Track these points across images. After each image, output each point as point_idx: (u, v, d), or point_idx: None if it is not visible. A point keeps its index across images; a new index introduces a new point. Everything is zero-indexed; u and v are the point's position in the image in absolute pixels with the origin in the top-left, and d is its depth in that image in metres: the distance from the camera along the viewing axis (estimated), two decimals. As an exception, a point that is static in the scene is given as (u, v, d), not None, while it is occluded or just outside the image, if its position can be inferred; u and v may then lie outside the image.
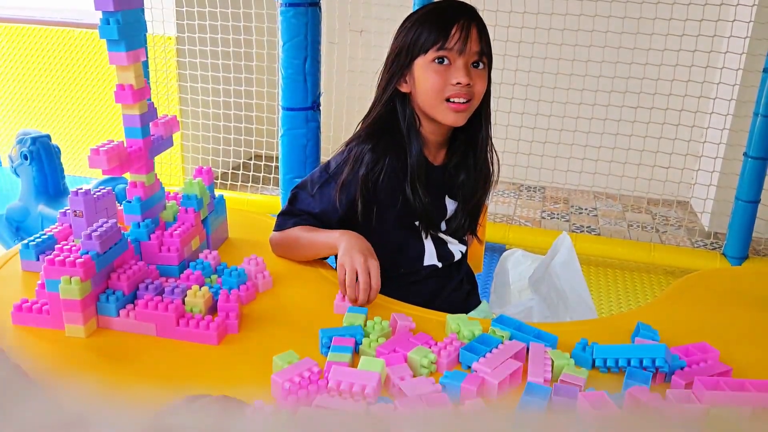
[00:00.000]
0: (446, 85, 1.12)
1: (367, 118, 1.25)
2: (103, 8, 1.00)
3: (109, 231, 1.02)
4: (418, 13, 1.18)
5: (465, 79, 1.11)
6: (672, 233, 3.34)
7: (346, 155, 1.21)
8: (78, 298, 0.95)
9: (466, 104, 1.14)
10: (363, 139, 1.21)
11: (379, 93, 1.22)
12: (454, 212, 1.28)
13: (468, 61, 1.13)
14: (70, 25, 3.64)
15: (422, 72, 1.14)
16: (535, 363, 0.90)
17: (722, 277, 1.33)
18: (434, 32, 1.12)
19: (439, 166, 1.25)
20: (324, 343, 0.95)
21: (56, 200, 2.63)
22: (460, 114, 1.15)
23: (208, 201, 1.27)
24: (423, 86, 1.15)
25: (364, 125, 1.25)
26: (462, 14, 1.14)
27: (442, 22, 1.13)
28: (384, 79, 1.21)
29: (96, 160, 1.01)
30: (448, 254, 1.30)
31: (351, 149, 1.21)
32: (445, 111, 1.14)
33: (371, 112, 1.24)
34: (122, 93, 1.06)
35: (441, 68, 1.13)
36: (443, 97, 1.14)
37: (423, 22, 1.14)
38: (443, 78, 1.12)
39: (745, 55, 2.84)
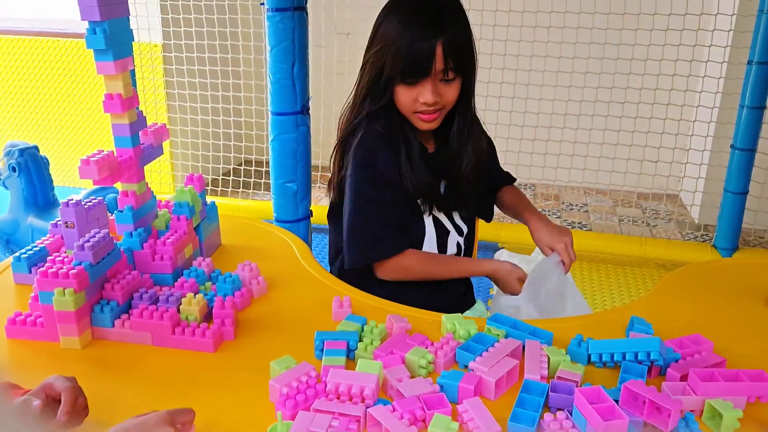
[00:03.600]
0: (415, 103, 1.20)
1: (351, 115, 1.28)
2: (89, 18, 1.00)
3: (101, 241, 1.01)
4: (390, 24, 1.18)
5: (431, 98, 1.17)
6: (663, 227, 3.36)
7: (364, 147, 1.23)
8: (72, 310, 0.94)
9: (436, 114, 1.21)
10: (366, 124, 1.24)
11: (359, 105, 1.26)
12: (444, 191, 1.32)
13: (435, 80, 1.17)
14: (55, 35, 3.62)
15: (397, 89, 1.21)
16: (531, 360, 0.90)
17: (713, 269, 1.34)
18: (399, 61, 1.16)
19: (432, 153, 1.30)
20: (317, 346, 0.95)
21: (46, 212, 2.61)
22: (431, 122, 1.22)
23: (200, 208, 1.26)
24: (398, 101, 1.22)
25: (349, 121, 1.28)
26: (428, 35, 1.14)
27: (407, 47, 1.15)
28: (363, 94, 1.25)
29: (87, 171, 1.01)
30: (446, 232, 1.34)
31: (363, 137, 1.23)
32: (417, 121, 1.23)
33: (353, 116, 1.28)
34: (111, 102, 1.06)
35: (410, 88, 1.19)
36: (413, 111, 1.21)
37: (395, 49, 1.16)
38: (412, 97, 1.19)
39: (730, 48, 2.87)
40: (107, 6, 1.01)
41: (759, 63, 2.50)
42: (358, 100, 1.26)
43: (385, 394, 0.86)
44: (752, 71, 2.54)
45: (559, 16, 3.01)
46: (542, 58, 3.06)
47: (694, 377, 0.84)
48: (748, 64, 2.55)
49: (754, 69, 2.52)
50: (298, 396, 0.81)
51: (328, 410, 0.78)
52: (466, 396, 0.83)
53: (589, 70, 3.08)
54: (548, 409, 0.83)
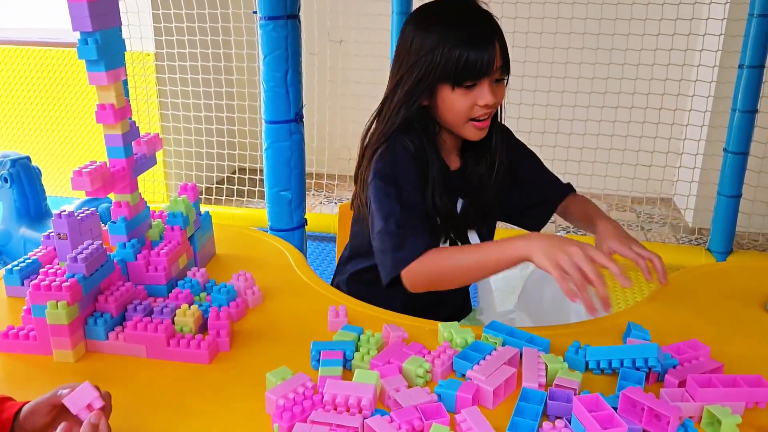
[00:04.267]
0: (473, 107, 1.11)
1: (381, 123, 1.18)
2: (81, 28, 0.99)
3: (94, 253, 1.00)
4: (438, 28, 1.10)
5: (491, 99, 1.10)
6: (657, 230, 3.37)
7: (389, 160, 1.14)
8: (65, 323, 0.93)
9: (488, 121, 1.15)
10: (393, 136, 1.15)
11: (394, 110, 1.15)
12: (462, 209, 1.24)
13: (492, 79, 1.10)
14: (46, 44, 3.61)
15: (447, 94, 1.11)
16: (529, 368, 0.90)
17: (708, 273, 1.34)
18: (458, 64, 1.07)
19: (455, 171, 1.24)
20: (314, 356, 0.94)
21: (38, 222, 2.60)
22: (484, 129, 1.15)
23: (194, 218, 1.26)
24: (447, 107, 1.13)
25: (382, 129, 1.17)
26: (486, 33, 1.09)
27: (470, 49, 1.07)
28: (400, 99, 1.14)
29: (79, 182, 1.00)
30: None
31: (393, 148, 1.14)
32: (470, 129, 1.15)
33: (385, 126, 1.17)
34: (103, 113, 1.05)
35: (467, 93, 1.10)
36: (468, 118, 1.13)
37: (449, 48, 1.08)
38: (469, 102, 1.11)
39: (720, 53, 2.88)
40: (99, 16, 1.00)
41: (750, 67, 2.52)
42: (393, 111, 1.15)
43: (382, 404, 0.85)
44: (743, 75, 2.55)
45: (551, 22, 3.02)
46: (534, 63, 3.07)
47: (693, 383, 0.84)
48: (739, 68, 2.56)
49: (745, 73, 2.54)
50: (294, 407, 0.80)
51: (326, 422, 0.77)
52: (464, 405, 0.83)
53: (582, 76, 3.09)
54: (547, 417, 0.83)
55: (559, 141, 3.18)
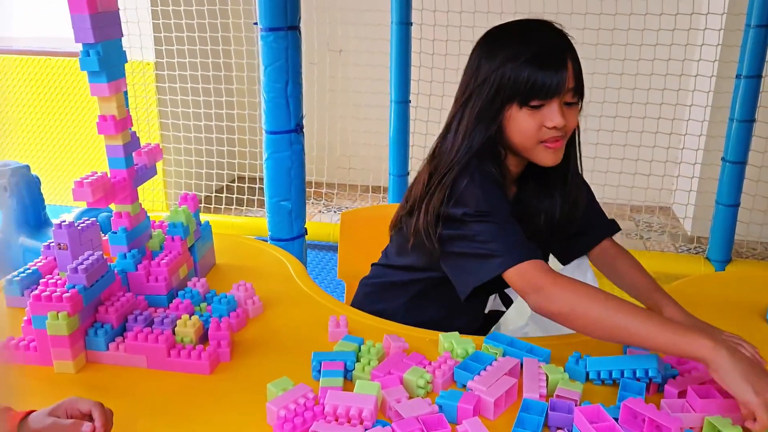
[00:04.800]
0: (541, 129, 1.05)
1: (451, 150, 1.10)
2: (83, 40, 1.00)
3: (95, 263, 1.00)
4: (509, 47, 1.05)
5: (561, 121, 1.04)
6: (656, 239, 3.37)
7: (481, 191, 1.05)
8: (66, 334, 0.93)
9: (560, 143, 1.08)
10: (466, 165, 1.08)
11: (468, 135, 1.09)
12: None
13: (562, 101, 1.04)
14: (45, 53, 3.62)
15: (515, 114, 1.06)
16: (529, 379, 0.90)
17: (708, 283, 1.35)
18: (531, 80, 1.02)
19: (510, 201, 1.16)
20: (314, 366, 0.94)
21: (37, 231, 2.59)
22: (557, 153, 1.08)
23: (195, 228, 1.26)
24: (515, 129, 1.07)
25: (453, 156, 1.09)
26: (558, 51, 1.04)
27: (541, 67, 1.02)
28: (472, 122, 1.08)
29: (80, 193, 1.00)
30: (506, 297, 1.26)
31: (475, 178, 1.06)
32: (542, 152, 1.08)
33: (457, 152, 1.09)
34: (104, 124, 1.06)
35: (534, 113, 1.05)
36: (538, 140, 1.06)
37: (517, 63, 1.03)
38: (536, 123, 1.05)
39: (718, 63, 2.90)
40: (101, 28, 1.01)
41: (747, 77, 2.53)
42: (465, 135, 1.08)
43: (383, 415, 0.85)
44: (741, 85, 2.56)
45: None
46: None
47: (693, 394, 0.84)
48: (737, 78, 2.58)
49: (743, 83, 2.55)
50: (296, 419, 0.80)
51: (327, 433, 0.77)
52: (465, 416, 0.83)
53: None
54: (548, 428, 0.83)
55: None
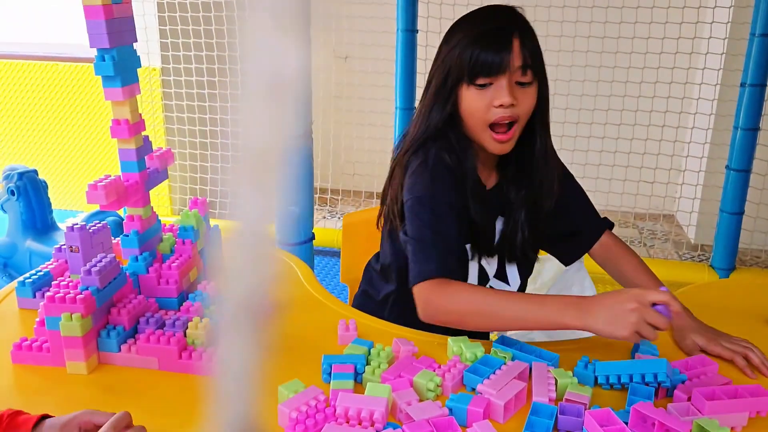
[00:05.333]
0: (489, 109, 1.04)
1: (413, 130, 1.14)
2: (98, 45, 1.01)
3: (108, 266, 1.02)
4: (460, 30, 1.09)
5: (507, 100, 1.02)
6: (659, 247, 3.38)
7: (427, 172, 1.08)
8: (79, 335, 0.94)
9: (511, 131, 1.06)
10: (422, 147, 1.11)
11: (425, 116, 1.12)
12: (501, 233, 1.17)
13: (511, 79, 1.04)
14: (53, 59, 3.64)
15: (466, 95, 1.07)
16: (539, 383, 0.90)
17: (713, 290, 1.35)
18: (471, 58, 1.04)
19: (491, 189, 1.17)
20: (324, 369, 0.95)
21: (44, 235, 2.60)
22: (506, 142, 1.07)
23: (205, 231, 1.27)
24: (466, 109, 1.07)
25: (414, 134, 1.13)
26: (502, 29, 1.05)
27: (482, 44, 1.03)
28: (429, 103, 1.11)
29: (94, 196, 1.01)
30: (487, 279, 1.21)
31: (428, 161, 1.08)
32: (488, 140, 1.07)
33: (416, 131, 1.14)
34: (118, 128, 1.07)
35: (483, 92, 1.05)
36: (487, 123, 1.06)
37: (464, 43, 1.05)
38: (485, 102, 1.04)
39: (722, 71, 2.91)
40: (115, 34, 1.02)
41: (752, 85, 2.54)
42: (423, 115, 1.12)
43: (394, 417, 0.86)
44: (745, 93, 2.57)
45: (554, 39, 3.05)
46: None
47: (698, 396, 0.85)
48: (741, 86, 2.59)
49: (747, 91, 2.56)
50: (307, 420, 0.80)
51: (339, 434, 0.78)
52: (475, 419, 0.83)
53: (585, 93, 3.12)
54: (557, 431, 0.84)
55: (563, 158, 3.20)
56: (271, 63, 0.28)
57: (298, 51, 0.29)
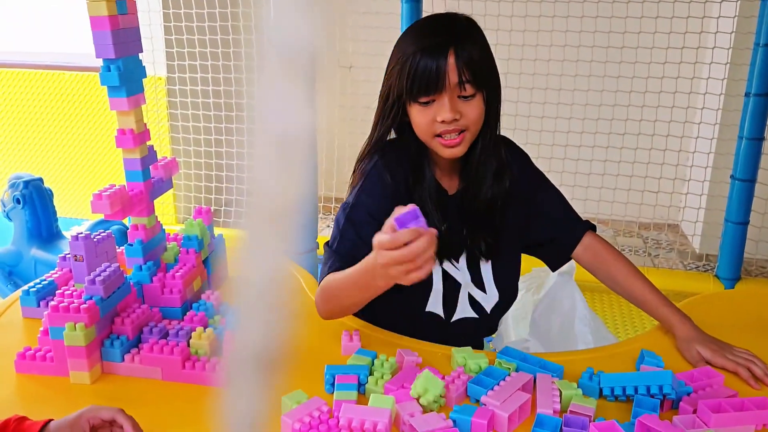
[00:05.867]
0: (433, 124, 1.05)
1: (366, 143, 1.17)
2: (104, 56, 1.02)
3: (112, 275, 1.02)
4: (402, 45, 1.08)
5: (449, 115, 1.03)
6: (664, 256, 3.36)
7: (360, 180, 1.12)
8: (83, 345, 0.94)
9: (460, 137, 1.06)
10: (368, 155, 1.14)
11: (374, 127, 1.15)
12: (466, 236, 1.17)
13: (453, 95, 1.03)
14: (60, 68, 3.66)
15: (411, 110, 1.08)
16: (543, 394, 0.90)
17: (718, 301, 1.35)
18: (409, 76, 1.03)
19: (453, 195, 1.17)
20: (327, 380, 0.95)
21: (49, 243, 2.61)
22: (455, 147, 1.07)
23: (209, 241, 1.27)
24: (414, 124, 1.09)
25: (366, 147, 1.16)
26: (439, 46, 1.02)
27: (420, 65, 1.02)
28: (378, 115, 1.14)
29: (98, 205, 1.02)
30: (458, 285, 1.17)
31: (362, 170, 1.14)
32: (438, 147, 1.08)
33: (370, 138, 1.16)
34: (123, 137, 1.08)
35: (426, 108, 1.05)
36: (433, 134, 1.06)
37: (403, 60, 1.05)
38: (429, 117, 1.05)
39: (727, 81, 2.90)
40: (121, 44, 1.03)
41: (756, 95, 2.54)
42: (374, 127, 1.15)
43: (397, 429, 0.85)
44: (750, 103, 2.57)
45: (558, 49, 3.06)
46: (542, 90, 3.10)
47: (704, 409, 0.85)
48: (746, 96, 2.58)
49: (752, 101, 2.55)
50: (310, 431, 0.80)
51: (342, 446, 0.77)
52: (479, 431, 0.83)
53: (589, 102, 3.12)
54: (562, 444, 0.83)
55: (566, 167, 3.20)
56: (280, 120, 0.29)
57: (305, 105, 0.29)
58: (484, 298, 1.18)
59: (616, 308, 2.81)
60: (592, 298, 2.88)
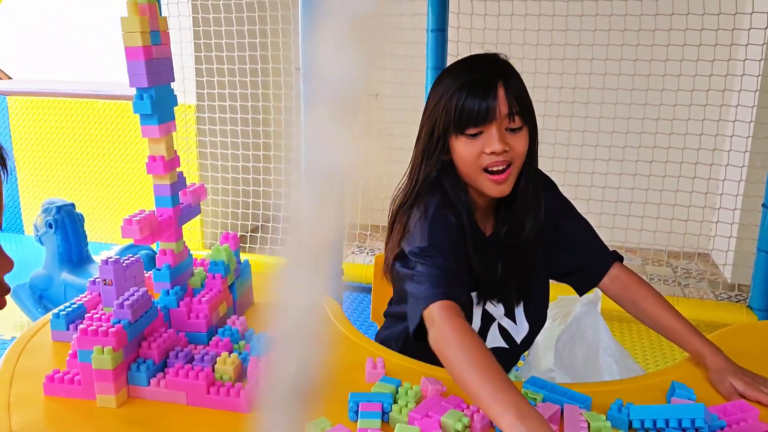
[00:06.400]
0: (481, 155, 1.06)
1: (408, 182, 1.16)
2: (137, 85, 1.04)
3: (140, 299, 1.03)
4: (445, 81, 1.10)
5: (498, 147, 1.04)
6: (695, 286, 3.30)
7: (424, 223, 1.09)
8: (110, 368, 0.95)
9: (506, 171, 1.07)
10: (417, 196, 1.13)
11: (417, 167, 1.14)
12: (501, 276, 1.18)
13: (501, 127, 1.06)
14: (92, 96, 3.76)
15: (456, 145, 1.09)
16: (570, 425, 0.88)
17: (752, 332, 1.31)
18: (458, 109, 1.06)
19: (489, 236, 1.18)
20: (351, 407, 0.94)
21: (79, 267, 2.66)
22: (503, 183, 1.08)
23: (235, 266, 1.28)
24: (459, 158, 1.10)
25: (408, 186, 1.16)
26: (486, 78, 1.06)
27: (468, 96, 1.05)
28: (420, 154, 1.14)
29: (129, 230, 1.03)
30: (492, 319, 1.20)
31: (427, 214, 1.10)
32: (486, 183, 1.08)
33: (410, 182, 1.16)
34: (154, 164, 1.10)
35: (473, 141, 1.07)
36: (481, 168, 1.07)
37: (449, 94, 1.07)
38: (477, 150, 1.07)
39: (756, 108, 2.87)
40: (154, 74, 1.06)
41: (788, 122, 2.50)
42: (414, 169, 1.15)
43: (421, 459, 0.84)
44: (781, 131, 2.53)
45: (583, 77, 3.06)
46: (568, 117, 3.09)
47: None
48: (777, 123, 2.55)
49: (783, 128, 2.52)
50: (334, 460, 0.80)
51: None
52: (505, 462, 0.81)
53: (616, 130, 3.10)
54: (590, 477, 0.81)
55: (593, 194, 3.17)
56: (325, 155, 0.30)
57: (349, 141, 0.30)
58: (515, 329, 1.19)
59: (645, 338, 2.75)
60: (620, 329, 2.83)
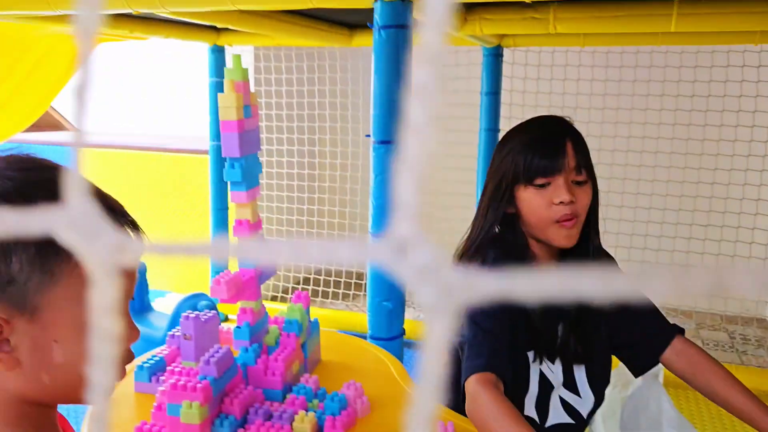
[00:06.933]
0: (550, 206, 1.09)
1: (472, 234, 1.20)
2: (230, 155, 1.13)
3: (224, 357, 1.08)
4: (514, 138, 1.16)
5: (567, 197, 1.08)
6: (753, 353, 3.21)
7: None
8: (197, 423, 1.00)
9: (573, 221, 1.10)
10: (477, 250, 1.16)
11: (482, 217, 1.19)
12: (562, 337, 1.18)
13: (568, 179, 1.09)
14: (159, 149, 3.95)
15: (524, 196, 1.12)
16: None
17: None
18: (527, 160, 1.10)
19: None
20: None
21: (140, 315, 2.75)
22: (571, 230, 1.10)
23: (306, 325, 1.33)
24: (527, 209, 1.12)
25: (471, 236, 1.20)
26: (555, 134, 1.12)
27: (538, 148, 1.11)
28: (485, 205, 1.18)
29: (217, 290, 1.10)
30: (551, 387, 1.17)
31: (485, 263, 1.13)
32: (555, 232, 1.10)
33: (474, 233, 1.20)
34: (240, 227, 1.17)
35: (541, 191, 1.10)
36: (551, 219, 1.10)
37: (518, 149, 1.13)
38: (545, 201, 1.10)
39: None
40: (245, 145, 1.14)
41: None
42: (479, 220, 1.18)
43: None
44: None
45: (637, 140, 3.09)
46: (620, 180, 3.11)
47: None
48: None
49: None
50: None
51: None
52: None
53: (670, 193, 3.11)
54: None
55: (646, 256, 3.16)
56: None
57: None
58: (579, 402, 1.18)
59: (704, 407, 2.68)
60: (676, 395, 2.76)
